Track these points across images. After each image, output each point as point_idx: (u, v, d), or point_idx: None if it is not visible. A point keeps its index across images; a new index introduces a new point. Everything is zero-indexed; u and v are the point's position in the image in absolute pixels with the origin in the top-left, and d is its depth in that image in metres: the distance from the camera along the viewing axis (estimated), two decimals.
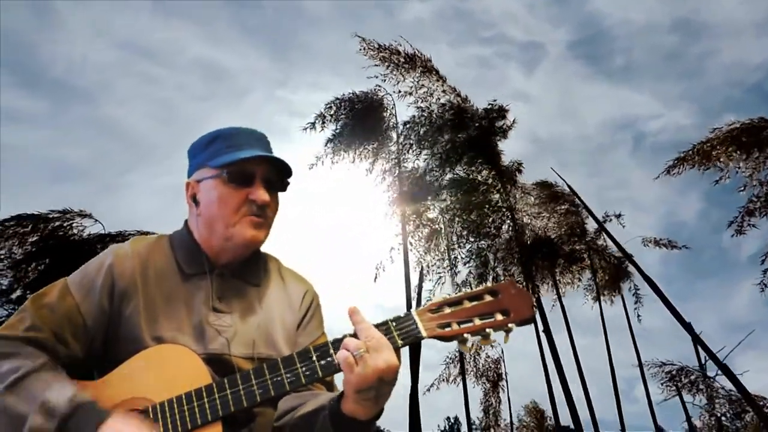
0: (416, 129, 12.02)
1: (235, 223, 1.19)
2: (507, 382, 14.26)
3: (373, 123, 12.17)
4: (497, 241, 11.99)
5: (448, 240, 11.74)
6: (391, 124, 12.43)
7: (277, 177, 1.25)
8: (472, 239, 11.59)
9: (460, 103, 11.85)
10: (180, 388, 1.06)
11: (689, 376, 10.33)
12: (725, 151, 9.15)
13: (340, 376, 1.05)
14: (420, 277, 11.93)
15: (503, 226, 11.90)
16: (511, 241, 12.09)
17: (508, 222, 11.86)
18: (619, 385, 13.32)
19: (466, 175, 11.85)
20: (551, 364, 10.83)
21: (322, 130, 12.13)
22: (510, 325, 1.09)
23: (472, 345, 1.09)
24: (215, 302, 1.19)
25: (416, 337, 1.06)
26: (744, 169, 9.21)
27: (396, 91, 11.98)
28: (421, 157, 12.05)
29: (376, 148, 12.46)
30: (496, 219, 11.70)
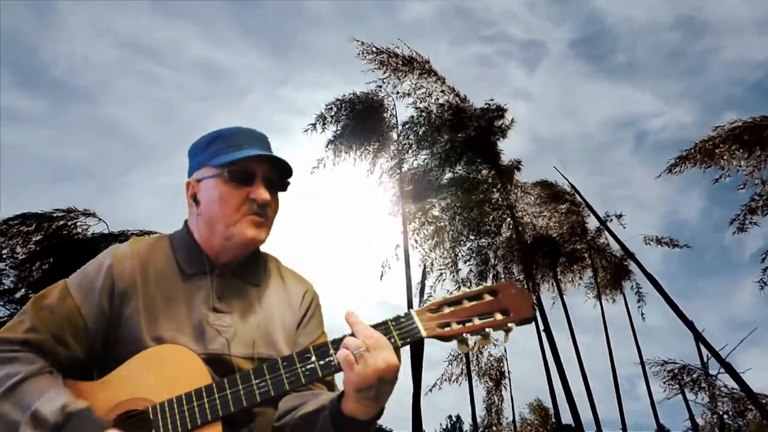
0: (415, 129, 12.03)
1: (235, 222, 1.19)
2: (510, 380, 14.24)
3: (373, 123, 12.17)
4: (497, 240, 12.01)
5: (450, 237, 11.75)
6: (391, 125, 12.45)
7: (278, 176, 1.25)
8: (473, 237, 11.61)
9: (459, 103, 11.85)
10: (180, 388, 1.06)
11: (691, 375, 10.30)
12: (727, 150, 9.13)
13: (340, 376, 1.05)
14: (423, 275, 11.96)
15: (503, 225, 11.92)
16: (511, 240, 12.11)
17: (508, 220, 11.88)
18: (620, 384, 13.30)
19: (467, 174, 11.85)
20: (552, 363, 10.84)
21: (323, 131, 12.17)
22: (510, 324, 1.09)
23: (473, 345, 1.09)
24: (215, 302, 1.19)
25: (416, 337, 1.06)
26: (746, 167, 9.19)
27: (395, 92, 12.02)
28: (421, 157, 12.07)
29: (376, 148, 12.47)
30: (496, 217, 11.70)
